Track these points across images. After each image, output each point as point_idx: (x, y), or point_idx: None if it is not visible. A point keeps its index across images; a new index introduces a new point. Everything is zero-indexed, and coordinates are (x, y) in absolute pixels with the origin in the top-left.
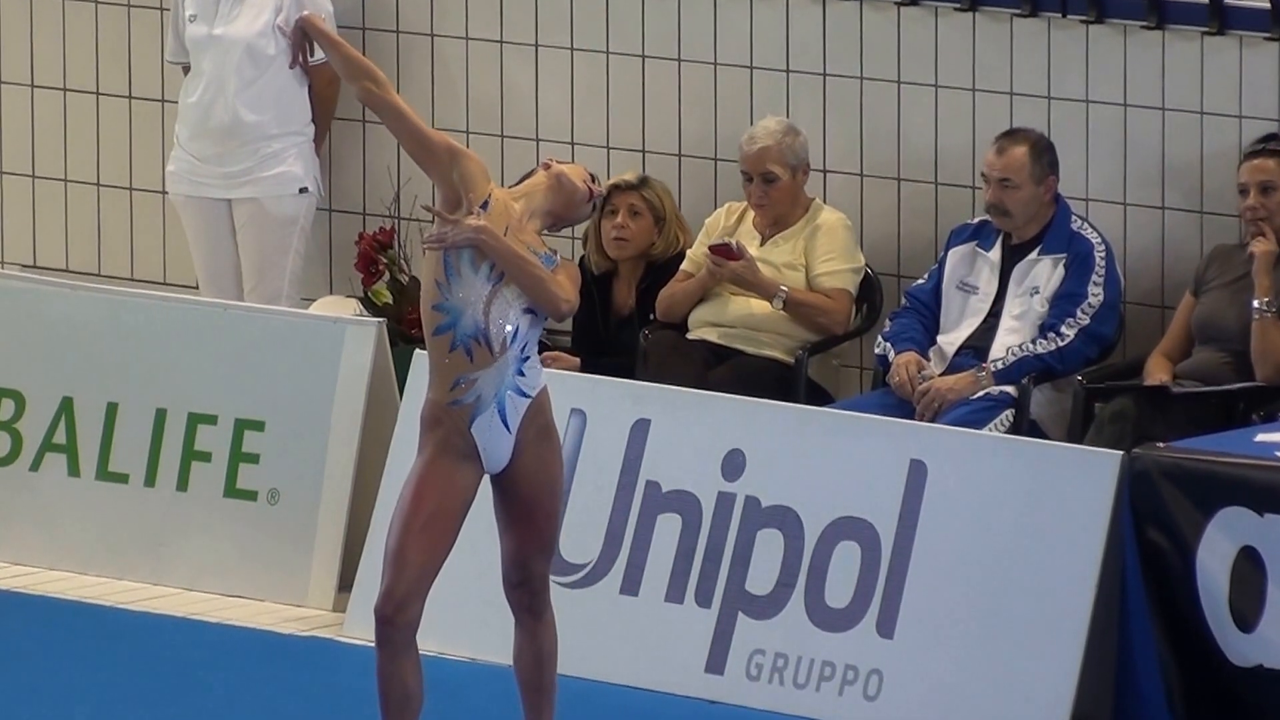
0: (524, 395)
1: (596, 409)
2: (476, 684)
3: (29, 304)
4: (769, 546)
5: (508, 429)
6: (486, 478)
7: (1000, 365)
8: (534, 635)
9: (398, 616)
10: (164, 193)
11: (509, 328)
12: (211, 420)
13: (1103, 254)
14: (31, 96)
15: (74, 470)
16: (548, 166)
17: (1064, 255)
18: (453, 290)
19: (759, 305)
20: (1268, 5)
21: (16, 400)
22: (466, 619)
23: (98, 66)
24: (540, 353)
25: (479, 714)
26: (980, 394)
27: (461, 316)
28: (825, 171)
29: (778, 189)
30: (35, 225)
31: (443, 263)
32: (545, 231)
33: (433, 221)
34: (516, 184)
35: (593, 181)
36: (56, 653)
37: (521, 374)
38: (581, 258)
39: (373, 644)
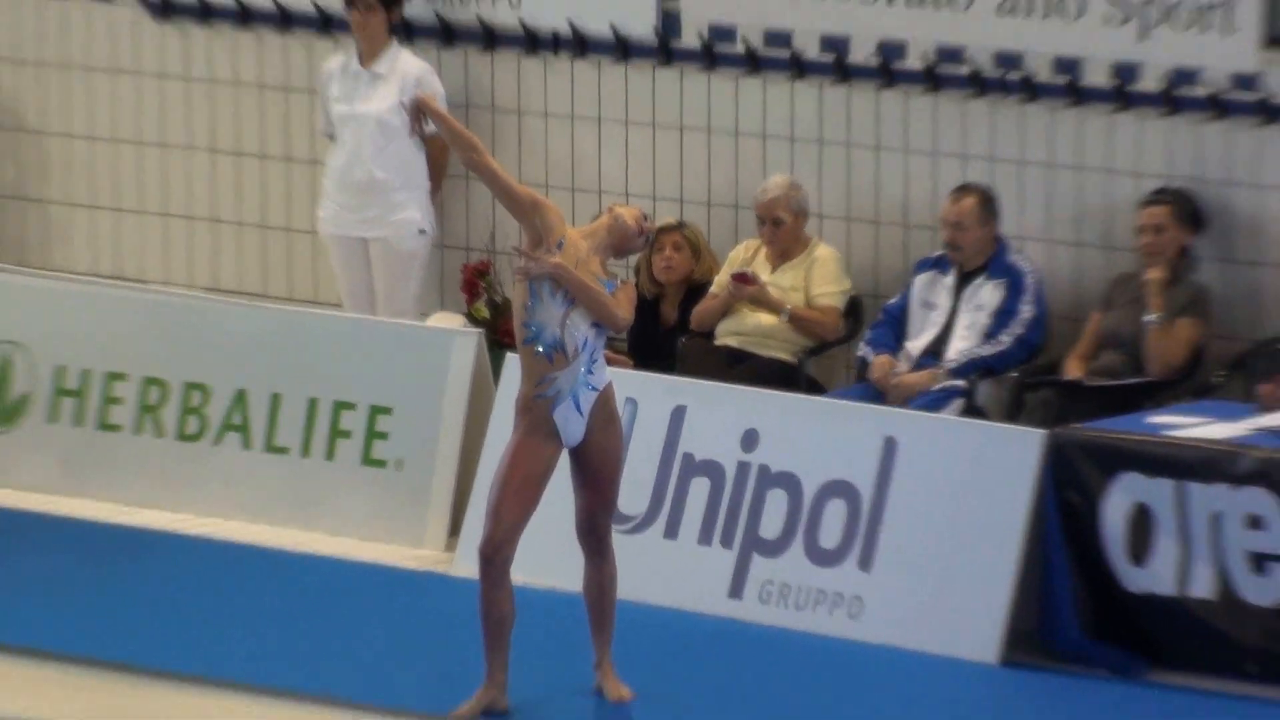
0: (593, 389)
1: (645, 398)
2: (556, 608)
3: (213, 318)
4: (776, 502)
5: (580, 414)
6: (565, 451)
7: (954, 365)
8: (599, 570)
9: (496, 556)
10: (315, 233)
11: (579, 339)
12: (351, 406)
13: (1033, 279)
14: (213, 161)
15: (246, 445)
16: (611, 210)
17: (1003, 280)
18: (536, 311)
19: (769, 319)
20: (1160, 90)
21: (203, 392)
22: (549, 556)
23: (264, 135)
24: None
25: (557, 631)
26: (938, 387)
27: (544, 331)
28: (821, 216)
29: (784, 230)
30: (217, 257)
31: (529, 289)
32: (611, 260)
33: (520, 257)
34: (588, 225)
35: (645, 221)
36: (232, 585)
37: (590, 373)
38: (637, 284)
39: (476, 578)
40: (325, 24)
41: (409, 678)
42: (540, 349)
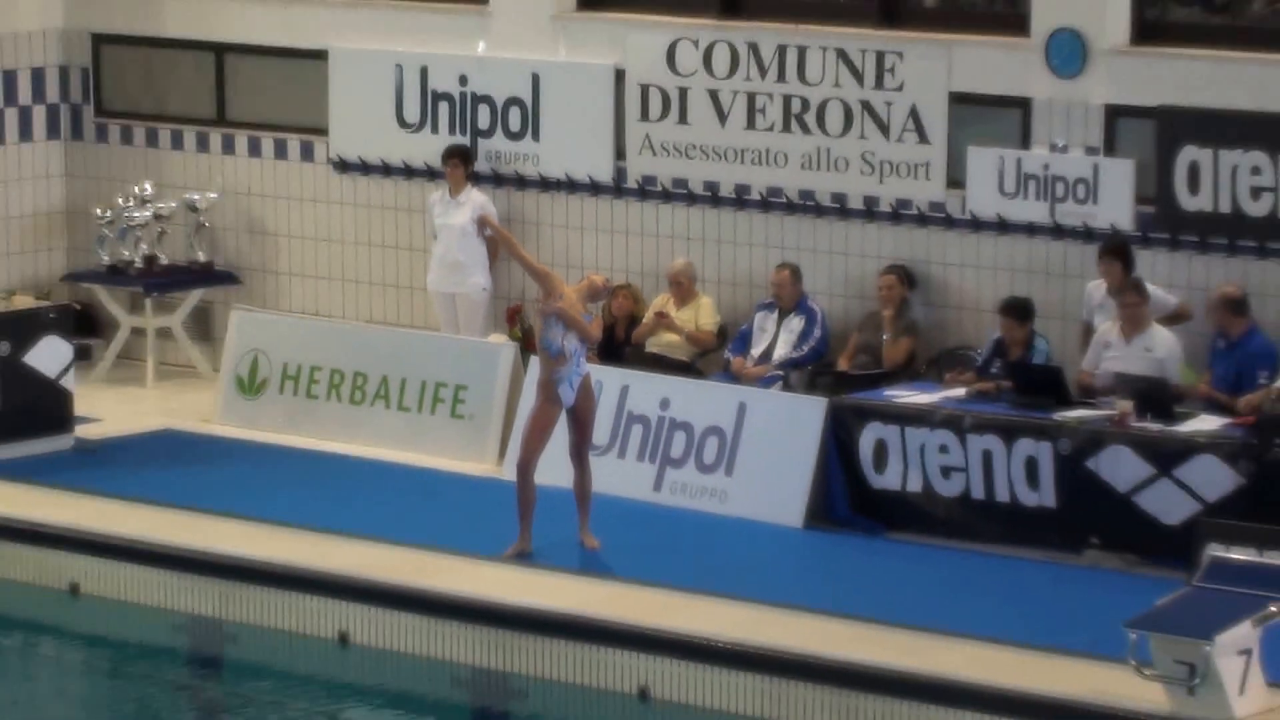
0: (578, 376)
1: (608, 380)
2: (558, 499)
3: (370, 335)
4: (679, 438)
5: (572, 390)
6: (564, 411)
7: (777, 363)
8: (581, 476)
9: (525, 467)
10: (425, 289)
11: (571, 349)
12: (445, 385)
13: (820, 315)
14: (369, 249)
15: (387, 406)
16: (589, 277)
17: (804, 315)
18: (548, 334)
19: (675, 337)
20: (890, 210)
21: (364, 376)
22: (555, 467)
23: (398, 235)
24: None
25: (560, 510)
26: (768, 375)
27: (552, 344)
28: (704, 279)
29: (683, 288)
30: (372, 302)
31: (544, 322)
32: (589, 303)
33: (540, 304)
34: (577, 284)
35: (606, 284)
36: (380, 484)
37: (577, 367)
38: (601, 316)
39: (514, 480)
40: (431, 174)
41: (476, 534)
42: (551, 354)
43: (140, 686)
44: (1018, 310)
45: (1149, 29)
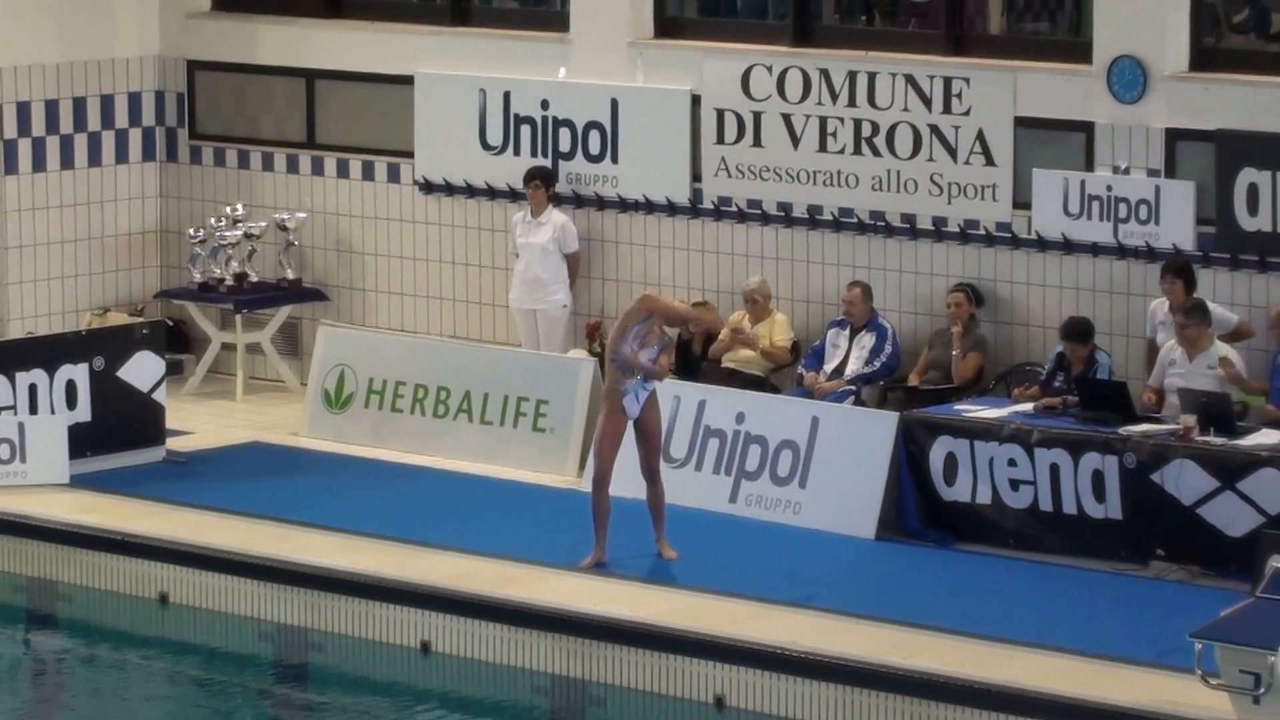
0: (644, 389)
1: (685, 395)
2: (632, 510)
3: (453, 351)
4: (754, 451)
5: (637, 403)
6: (630, 424)
7: (849, 378)
8: (654, 489)
9: (600, 480)
10: (507, 306)
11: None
12: (527, 399)
13: (891, 331)
14: (453, 268)
15: (470, 420)
16: (691, 303)
17: (875, 332)
18: (619, 350)
19: (750, 353)
20: (959, 230)
21: (447, 390)
22: (627, 479)
23: (480, 252)
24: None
25: (635, 521)
26: (840, 390)
27: (622, 361)
28: (778, 297)
29: (758, 305)
30: (456, 319)
31: (623, 334)
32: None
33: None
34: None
35: (689, 320)
36: (462, 496)
37: (643, 383)
38: (680, 333)
39: (590, 491)
40: (513, 195)
41: (557, 545)
42: (619, 365)
43: (227, 695)
44: (1078, 333)
45: (1206, 56)
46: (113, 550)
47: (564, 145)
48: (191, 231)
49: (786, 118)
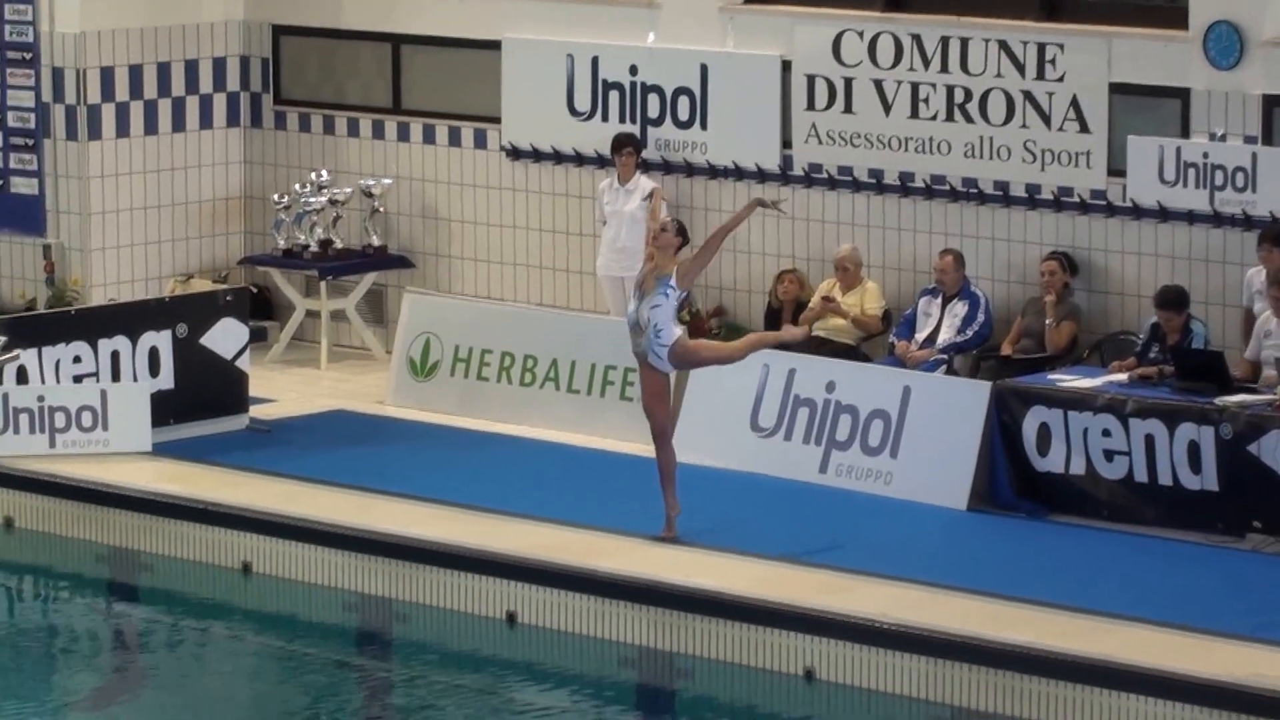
0: (662, 345)
1: (774, 363)
2: (713, 479)
3: (540, 318)
4: (845, 421)
5: (661, 358)
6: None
7: (941, 347)
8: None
9: (658, 435)
10: (595, 274)
11: (646, 320)
12: (615, 367)
13: (984, 300)
14: (539, 235)
15: (557, 388)
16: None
17: (967, 300)
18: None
19: (841, 322)
20: (1051, 198)
21: (534, 359)
22: (704, 446)
23: (567, 219)
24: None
25: (718, 491)
26: (932, 359)
27: (629, 317)
28: (869, 265)
29: (849, 273)
30: (543, 287)
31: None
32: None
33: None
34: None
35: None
36: (548, 464)
37: (656, 337)
38: (770, 303)
39: (686, 462)
40: (601, 162)
41: (644, 515)
42: (629, 326)
43: (310, 666)
44: (1173, 301)
45: None
46: (195, 519)
47: (653, 111)
48: (276, 198)
49: (878, 84)
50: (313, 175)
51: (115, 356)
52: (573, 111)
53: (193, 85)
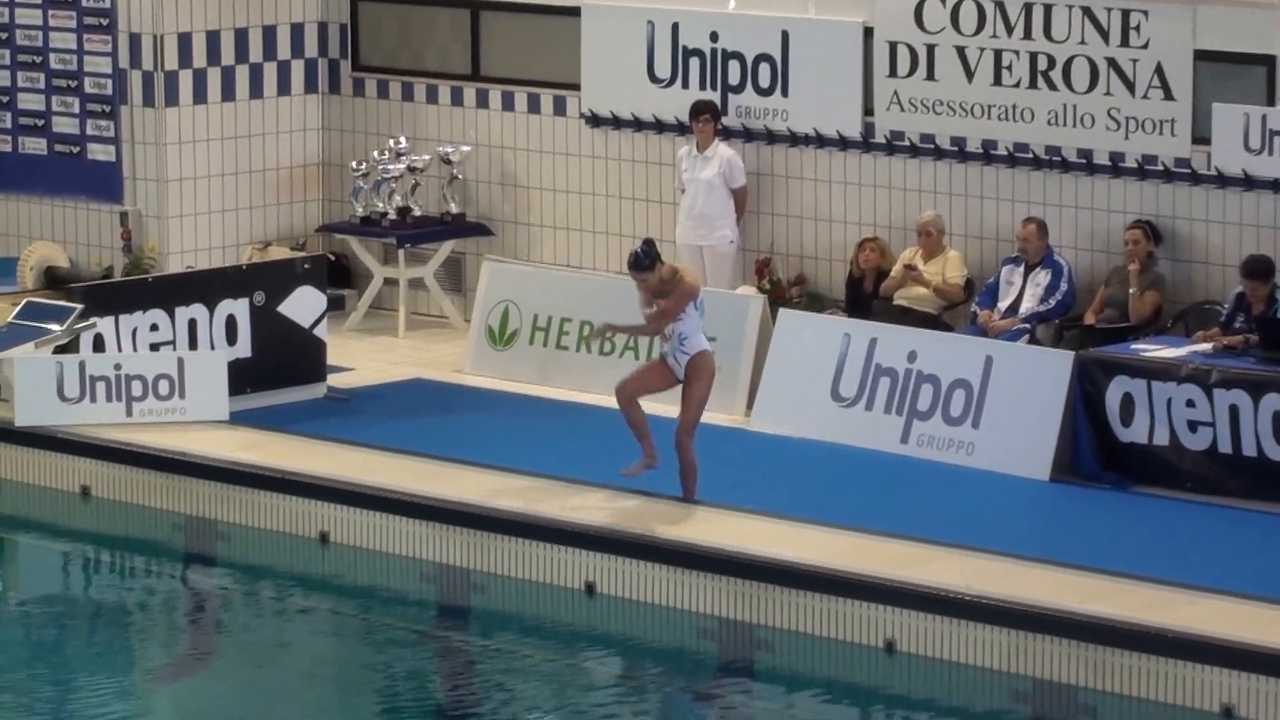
0: (684, 354)
1: (855, 334)
2: (807, 450)
3: (615, 287)
4: (926, 391)
5: (678, 364)
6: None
7: (1024, 316)
8: (681, 459)
9: (619, 394)
10: (674, 242)
11: (672, 330)
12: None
13: (1067, 269)
14: (619, 203)
15: (635, 357)
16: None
17: (1050, 269)
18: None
19: (923, 290)
20: (1136, 167)
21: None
22: (799, 417)
23: (647, 187)
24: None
25: (809, 463)
26: (1015, 328)
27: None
28: (951, 233)
29: (931, 240)
30: (618, 258)
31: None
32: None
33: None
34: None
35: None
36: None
37: (681, 346)
38: (851, 271)
39: (767, 432)
40: (681, 129)
41: (724, 485)
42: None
43: (388, 637)
44: (1259, 270)
45: None
46: (273, 489)
47: (733, 78)
48: (354, 165)
49: (961, 50)
50: (391, 142)
51: (192, 324)
52: (653, 78)
53: (270, 51)
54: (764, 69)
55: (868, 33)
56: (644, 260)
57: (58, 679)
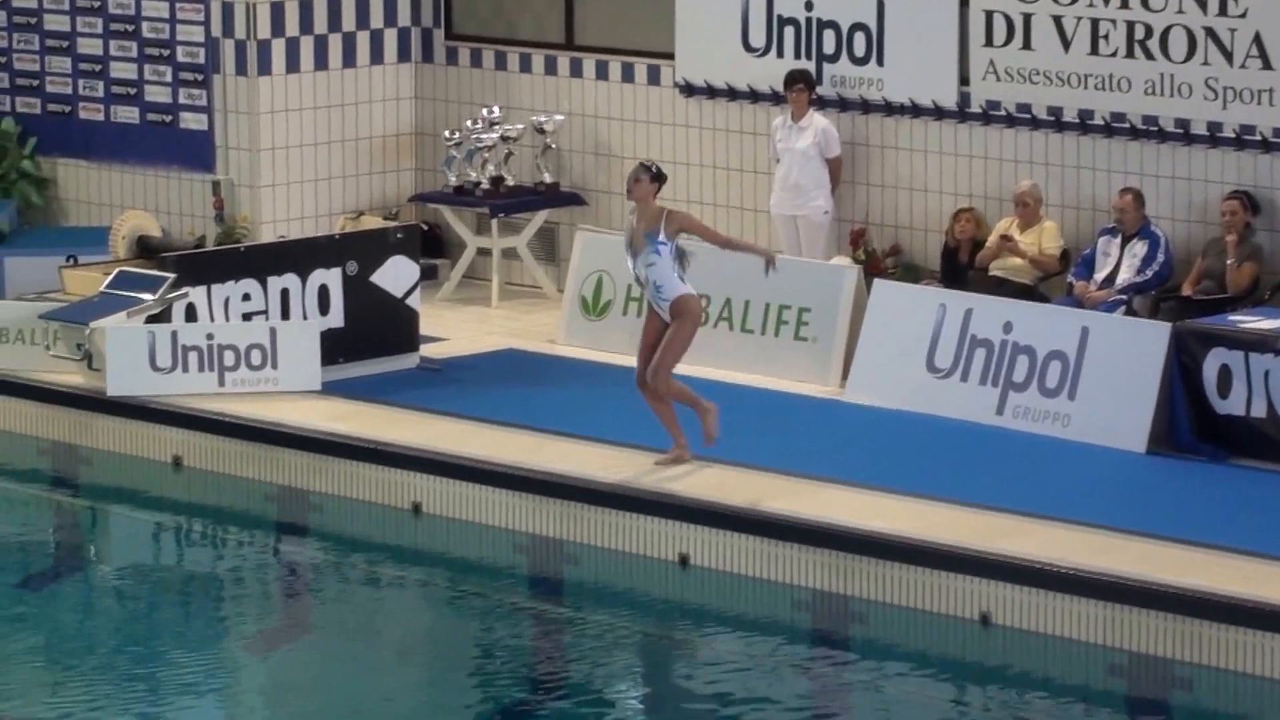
0: (664, 300)
1: (950, 304)
2: (893, 420)
3: (704, 257)
4: (1022, 362)
5: (660, 310)
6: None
7: (1120, 287)
8: (651, 399)
9: (639, 381)
10: (768, 212)
11: (644, 276)
12: (789, 307)
13: (1164, 240)
14: (714, 173)
15: (731, 328)
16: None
17: (1147, 240)
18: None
19: (1019, 261)
20: (1233, 137)
21: (703, 298)
22: (888, 388)
23: (741, 157)
24: None
25: (901, 433)
26: (1111, 299)
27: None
28: (1047, 204)
29: (1028, 210)
30: (712, 227)
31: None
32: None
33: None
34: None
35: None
36: (725, 402)
37: (659, 291)
38: (946, 242)
39: (856, 402)
40: (776, 99)
41: (818, 457)
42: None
43: (480, 607)
44: None
45: None
46: (365, 459)
47: (828, 47)
48: (447, 134)
49: (1057, 19)
50: (484, 111)
51: (285, 294)
52: (747, 47)
53: (363, 20)
54: (859, 38)
55: (963, 1)
56: (657, 173)
57: (150, 650)
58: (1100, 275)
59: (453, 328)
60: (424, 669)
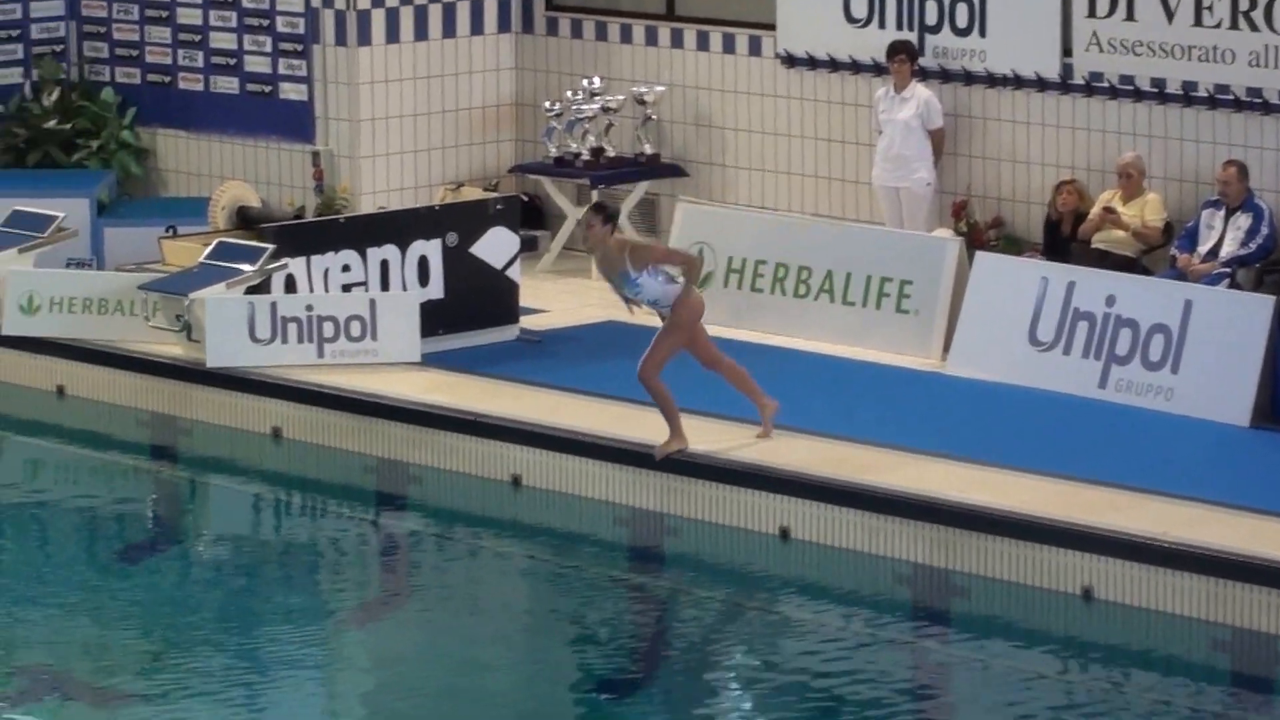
0: (665, 309)
1: (1052, 277)
2: (1000, 396)
3: (815, 230)
4: (1125, 335)
5: (665, 315)
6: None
7: (1224, 260)
8: (725, 373)
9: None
10: (870, 184)
11: (635, 296)
12: (890, 279)
13: (1268, 212)
14: (815, 144)
15: (831, 300)
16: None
17: (1251, 212)
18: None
19: (1121, 233)
20: None
21: (808, 270)
22: (992, 360)
23: (843, 128)
24: None
25: (1004, 406)
26: (1215, 272)
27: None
28: (1150, 176)
29: (1131, 182)
30: (818, 197)
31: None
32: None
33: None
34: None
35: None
36: (822, 376)
37: (656, 304)
38: (1049, 214)
39: (960, 375)
40: (878, 70)
41: (920, 430)
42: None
43: (581, 580)
44: None
45: None
46: (465, 431)
47: (930, 18)
48: (547, 105)
49: None
50: (585, 82)
51: (384, 265)
52: (849, 18)
53: None
54: (961, 9)
55: None
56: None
57: (248, 622)
58: (1204, 248)
59: (552, 299)
60: (522, 641)
